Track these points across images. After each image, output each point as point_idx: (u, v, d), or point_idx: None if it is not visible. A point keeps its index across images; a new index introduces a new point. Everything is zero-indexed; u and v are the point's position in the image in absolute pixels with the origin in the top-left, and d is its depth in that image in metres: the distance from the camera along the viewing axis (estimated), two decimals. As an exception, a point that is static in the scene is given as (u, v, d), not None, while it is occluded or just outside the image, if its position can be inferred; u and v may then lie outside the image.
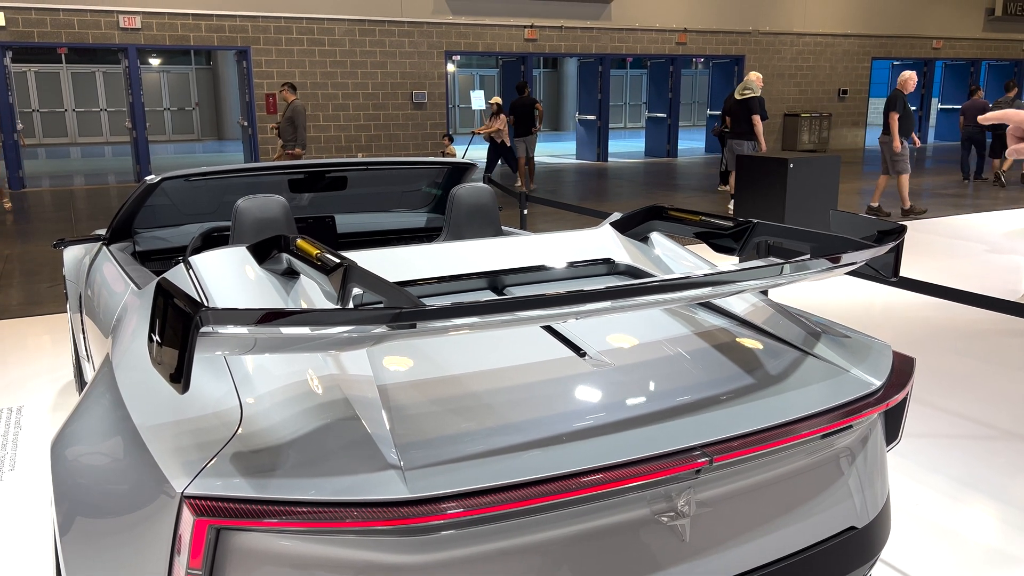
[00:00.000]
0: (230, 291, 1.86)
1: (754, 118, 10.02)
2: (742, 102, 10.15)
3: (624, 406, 1.59)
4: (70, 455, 1.71)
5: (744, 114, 10.12)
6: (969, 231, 9.11)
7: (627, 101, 31.29)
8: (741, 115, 10.18)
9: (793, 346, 1.91)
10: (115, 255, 3.12)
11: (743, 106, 10.13)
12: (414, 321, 1.30)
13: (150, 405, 1.60)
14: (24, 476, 3.34)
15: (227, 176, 3.28)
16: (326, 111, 14.97)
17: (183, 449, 1.43)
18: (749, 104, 10.07)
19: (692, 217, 2.30)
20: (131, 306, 2.29)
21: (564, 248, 2.35)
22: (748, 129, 10.14)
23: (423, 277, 2.10)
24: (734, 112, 10.31)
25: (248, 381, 1.58)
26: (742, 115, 10.17)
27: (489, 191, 2.93)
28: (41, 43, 12.94)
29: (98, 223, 9.98)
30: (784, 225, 2.04)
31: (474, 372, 1.68)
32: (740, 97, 10.20)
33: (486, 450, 1.41)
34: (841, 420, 1.63)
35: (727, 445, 1.49)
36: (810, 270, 1.63)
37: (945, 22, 21.66)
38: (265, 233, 2.59)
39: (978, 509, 3.06)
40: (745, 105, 10.10)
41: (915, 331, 5.19)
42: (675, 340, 1.89)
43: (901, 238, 1.83)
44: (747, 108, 10.06)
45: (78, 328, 3.60)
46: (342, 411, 1.47)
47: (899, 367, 1.88)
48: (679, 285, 1.49)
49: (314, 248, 1.76)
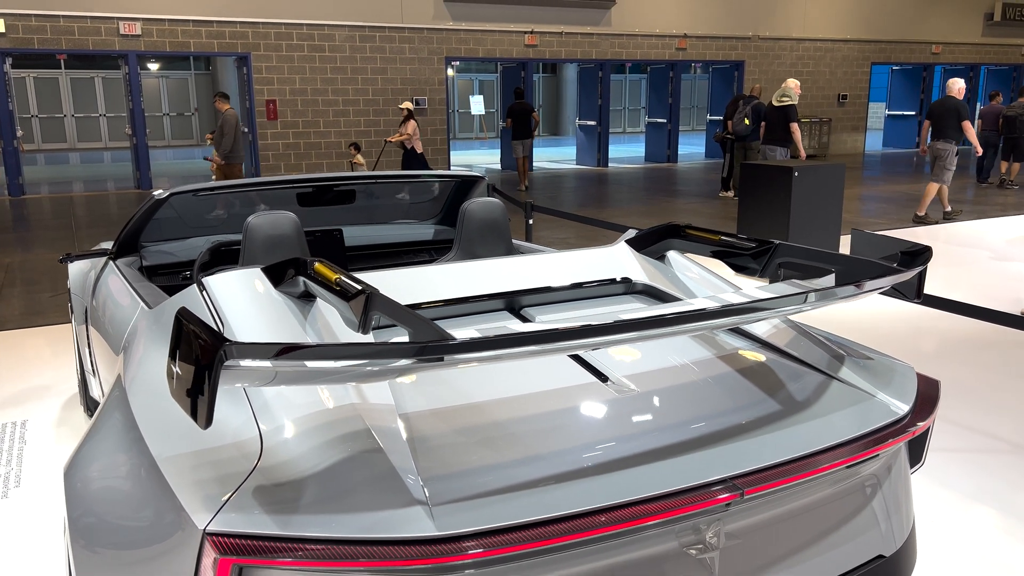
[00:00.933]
0: (246, 315, 1.83)
1: (792, 125, 10.06)
2: (779, 109, 10.18)
3: (651, 435, 1.56)
4: (85, 484, 1.67)
5: (781, 121, 10.13)
6: (972, 238, 9.10)
7: (626, 106, 31.30)
8: (777, 121, 10.20)
9: (817, 369, 1.88)
10: (122, 270, 3.09)
11: (780, 113, 10.16)
12: (442, 355, 1.27)
13: (167, 435, 1.57)
14: (30, 493, 3.30)
15: (234, 190, 3.25)
16: (327, 117, 14.94)
17: (203, 482, 1.40)
18: (787, 111, 10.10)
19: (711, 236, 2.27)
20: (142, 327, 2.26)
21: (581, 267, 2.33)
22: (783, 135, 10.17)
23: (440, 299, 2.07)
24: (769, 118, 10.33)
25: (267, 410, 1.55)
26: (778, 122, 10.18)
27: (500, 206, 2.90)
28: (41, 50, 12.91)
29: (99, 231, 9.95)
30: (806, 247, 2.01)
31: (495, 399, 1.65)
32: (778, 104, 10.23)
33: (512, 484, 1.38)
34: (870, 449, 1.60)
35: (757, 477, 1.46)
36: (837, 297, 1.60)
37: (944, 27, 21.68)
38: (276, 250, 2.56)
39: (986, 524, 3.03)
40: (783, 112, 10.12)
41: (924, 341, 5.17)
42: (697, 364, 1.86)
43: (927, 261, 1.80)
44: (784, 115, 10.08)
45: (83, 341, 3.57)
46: (365, 443, 1.44)
47: (924, 391, 1.85)
48: (706, 314, 1.47)
49: (333, 273, 1.74)
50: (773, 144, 10.36)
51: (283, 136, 14.67)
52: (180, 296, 2.09)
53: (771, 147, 10.38)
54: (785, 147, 10.24)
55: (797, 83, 10.43)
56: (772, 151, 10.35)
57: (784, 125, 10.16)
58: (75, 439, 3.82)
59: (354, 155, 12.55)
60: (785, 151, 10.23)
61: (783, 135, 10.22)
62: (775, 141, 10.33)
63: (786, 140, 10.21)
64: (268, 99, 14.36)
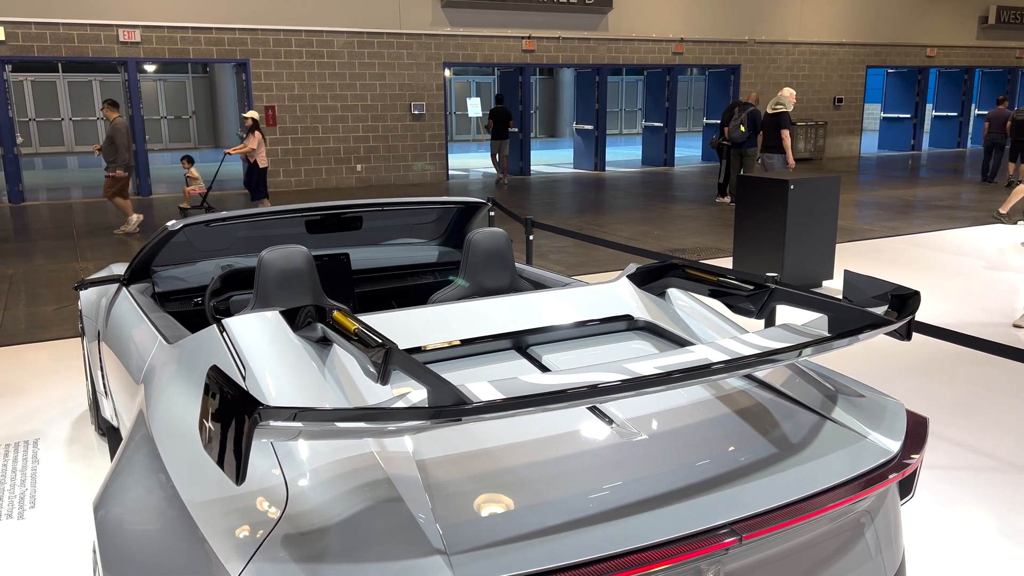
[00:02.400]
0: (267, 360, 1.92)
1: (783, 132, 10.20)
2: (773, 116, 10.33)
3: (655, 480, 1.65)
4: (117, 521, 1.76)
5: (775, 128, 10.28)
6: (966, 246, 9.20)
7: (623, 108, 31.41)
8: (771, 129, 10.34)
9: (811, 409, 1.97)
10: (135, 297, 3.17)
11: (774, 120, 10.31)
12: (459, 416, 1.36)
13: (196, 480, 1.66)
14: (46, 514, 3.38)
15: (245, 220, 3.34)
16: (325, 123, 15.02)
17: (233, 530, 1.49)
18: (779, 119, 10.24)
19: (710, 277, 2.36)
20: (161, 362, 2.34)
21: (584, 303, 2.41)
22: (779, 142, 10.29)
23: (448, 341, 2.16)
24: (766, 125, 10.48)
25: (291, 457, 1.63)
26: (772, 129, 10.33)
27: (504, 236, 2.99)
28: (41, 57, 12.96)
29: (100, 240, 10.02)
30: (800, 292, 2.10)
31: (506, 445, 1.73)
32: (772, 111, 10.37)
33: (525, 532, 1.47)
34: (863, 491, 1.69)
35: (755, 521, 1.55)
36: (832, 348, 1.70)
37: (939, 30, 21.81)
38: (289, 283, 2.65)
39: (980, 542, 3.12)
40: (775, 119, 10.27)
41: (917, 356, 5.26)
42: (697, 405, 1.95)
43: (915, 308, 1.89)
44: (777, 122, 10.24)
45: (95, 363, 3.65)
46: (385, 491, 1.53)
47: (912, 430, 1.94)
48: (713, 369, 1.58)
49: (351, 323, 1.82)
50: (770, 152, 10.51)
51: (282, 142, 14.74)
52: (200, 336, 2.18)
53: (768, 155, 10.54)
54: (782, 154, 10.40)
55: (793, 92, 10.58)
56: (770, 159, 10.51)
57: (778, 131, 10.32)
58: (87, 459, 3.90)
59: (188, 168, 12.15)
60: (783, 157, 10.38)
61: (778, 142, 10.38)
62: (771, 148, 10.49)
63: (781, 146, 10.37)
64: (267, 105, 14.43)
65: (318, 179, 15.19)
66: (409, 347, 2.13)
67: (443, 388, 1.44)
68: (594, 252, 8.75)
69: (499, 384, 1.51)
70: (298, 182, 15.03)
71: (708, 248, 9.10)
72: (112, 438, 3.90)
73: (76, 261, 8.71)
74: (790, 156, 10.29)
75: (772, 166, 10.49)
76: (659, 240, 9.66)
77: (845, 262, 7.69)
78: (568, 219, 11.26)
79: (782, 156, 10.36)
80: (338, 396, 1.84)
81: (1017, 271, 7.83)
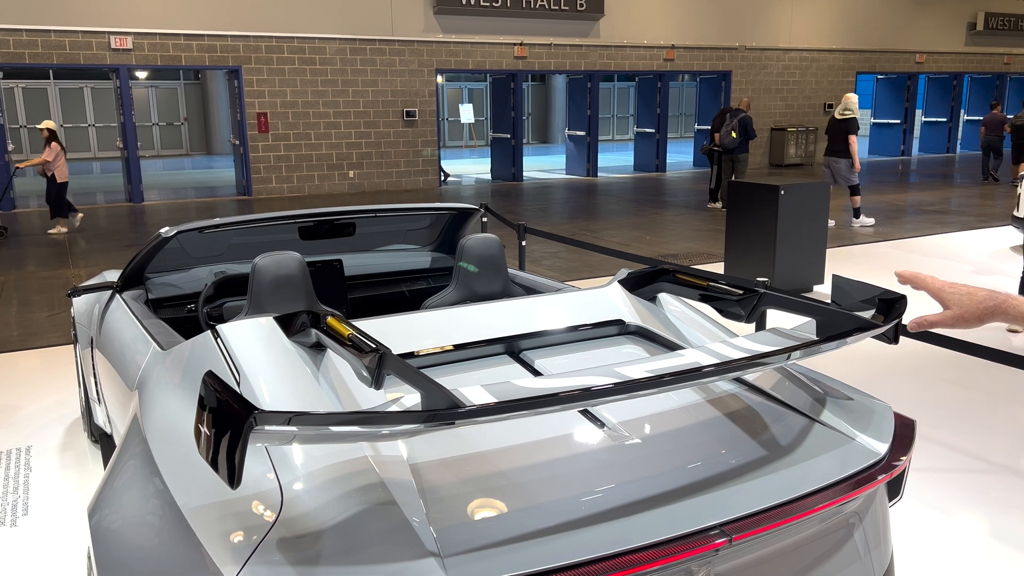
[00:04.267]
0: (261, 365, 1.93)
1: (851, 137, 10.65)
2: (841, 122, 10.74)
3: (646, 482, 1.67)
4: (111, 526, 1.77)
5: (842, 133, 10.73)
6: (956, 251, 9.27)
7: (615, 114, 31.52)
8: (838, 134, 10.78)
9: (800, 412, 2.00)
10: (129, 304, 3.18)
11: (842, 125, 10.74)
12: (453, 420, 1.37)
13: (192, 485, 1.67)
14: (38, 521, 3.37)
15: (238, 227, 3.35)
16: (317, 130, 15.03)
17: (228, 534, 1.50)
18: (847, 124, 10.68)
19: (700, 282, 2.39)
20: (156, 369, 2.35)
21: (576, 308, 2.43)
22: (845, 147, 10.73)
23: (442, 346, 2.18)
24: (832, 131, 10.91)
25: (285, 461, 1.65)
26: (839, 134, 10.77)
27: (497, 242, 3.00)
28: (33, 64, 12.95)
29: (92, 247, 10.00)
30: (790, 297, 2.13)
31: (499, 448, 1.75)
32: (840, 117, 10.76)
33: (518, 534, 1.48)
34: (851, 492, 1.72)
35: (745, 523, 1.57)
36: (820, 352, 1.73)
37: (928, 37, 21.98)
38: (283, 290, 2.66)
39: (973, 545, 3.14)
40: (844, 125, 10.71)
41: (909, 359, 5.30)
42: (687, 408, 1.97)
43: (902, 312, 1.92)
44: (845, 128, 10.69)
45: (88, 369, 3.65)
46: (379, 495, 1.55)
47: (900, 432, 1.97)
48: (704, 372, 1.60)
49: (345, 328, 1.84)
50: (836, 156, 10.87)
51: (274, 148, 14.75)
52: (195, 342, 2.19)
53: (835, 159, 10.88)
54: (848, 158, 10.77)
55: (856, 97, 10.97)
56: (836, 163, 10.84)
57: (845, 137, 10.73)
58: (80, 466, 3.89)
59: None
60: (848, 162, 10.75)
61: (845, 147, 10.76)
62: (837, 153, 10.85)
63: (847, 151, 10.77)
64: (259, 112, 14.43)
65: (311, 185, 15.19)
66: (402, 352, 2.15)
67: (436, 392, 1.46)
68: (587, 257, 8.78)
69: (492, 388, 1.52)
70: (290, 188, 15.03)
71: (700, 253, 9.14)
72: (105, 445, 3.90)
73: (68, 268, 8.69)
74: (856, 160, 10.73)
75: (838, 170, 10.81)
76: (651, 245, 9.70)
77: (835, 267, 7.74)
78: (561, 225, 11.30)
79: (847, 160, 10.75)
80: (332, 401, 1.85)
81: (1007, 275, 7.89)
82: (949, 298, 1.49)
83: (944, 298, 1.50)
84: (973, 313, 1.46)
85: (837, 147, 10.81)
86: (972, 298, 1.47)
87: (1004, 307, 1.45)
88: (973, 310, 1.46)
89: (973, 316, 1.46)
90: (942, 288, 1.51)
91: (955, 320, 1.47)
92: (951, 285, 1.50)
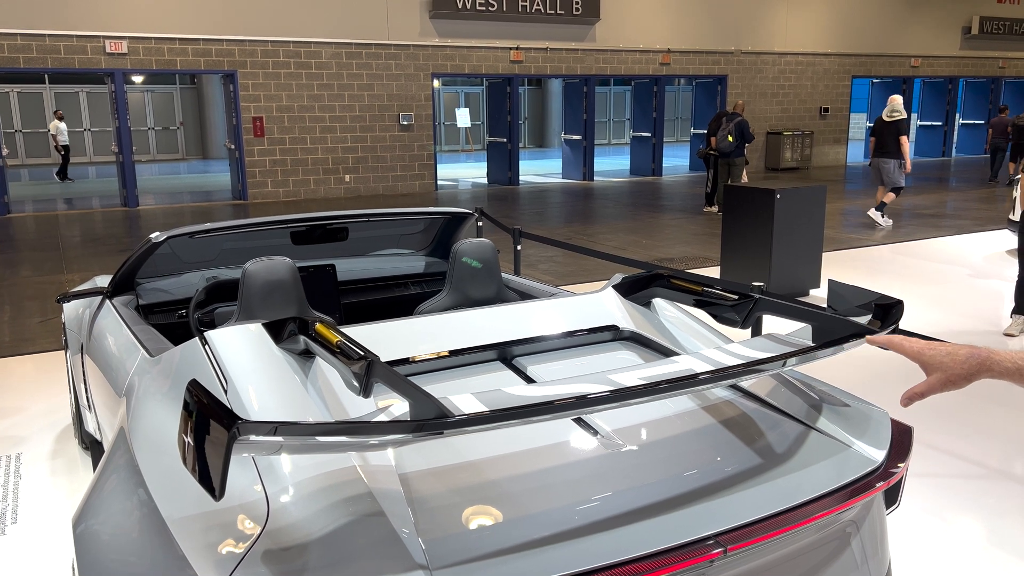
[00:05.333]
0: (249, 373, 1.90)
1: (902, 139, 10.86)
2: (891, 123, 10.93)
3: (640, 492, 1.64)
4: (96, 538, 1.74)
5: (893, 134, 10.93)
6: (952, 254, 9.26)
7: (611, 118, 31.54)
8: (888, 135, 10.99)
9: (796, 419, 1.97)
10: (119, 310, 3.15)
11: (892, 127, 10.92)
12: (441, 430, 1.35)
13: (177, 495, 1.64)
14: (28, 530, 3.33)
15: (230, 232, 3.32)
16: (313, 134, 15.00)
17: (213, 546, 1.47)
18: (899, 125, 10.88)
19: (694, 287, 2.36)
20: (143, 376, 2.32)
21: (570, 314, 2.41)
22: (896, 148, 10.92)
23: (434, 352, 2.15)
24: (881, 132, 11.09)
25: (271, 471, 1.62)
26: (889, 135, 10.98)
27: (491, 247, 2.98)
28: (27, 69, 12.91)
29: (86, 252, 9.96)
30: (785, 302, 2.11)
31: (489, 457, 1.72)
32: (889, 119, 10.94)
33: (508, 546, 1.46)
34: (848, 501, 1.69)
35: (741, 533, 1.54)
36: (816, 358, 1.70)
37: (923, 41, 22.03)
38: (273, 295, 2.63)
39: (968, 550, 3.12)
40: (895, 126, 10.90)
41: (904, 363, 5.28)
42: (681, 415, 1.95)
43: (898, 317, 1.90)
44: (896, 129, 10.89)
45: (79, 376, 3.61)
46: (367, 506, 1.52)
47: (897, 439, 1.94)
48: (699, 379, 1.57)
49: (334, 336, 1.81)
50: (886, 157, 11.02)
51: (270, 153, 14.72)
52: (183, 349, 2.16)
53: (885, 159, 11.04)
54: (897, 159, 10.93)
55: (901, 99, 11.16)
56: (886, 163, 11.00)
57: (896, 138, 10.91)
58: (70, 473, 3.86)
59: None
60: (898, 163, 10.92)
61: (895, 148, 10.92)
62: (887, 154, 11.02)
63: (898, 152, 10.93)
64: (255, 116, 14.41)
65: (306, 190, 15.16)
66: (394, 358, 2.12)
67: (425, 401, 1.43)
68: (583, 262, 8.75)
69: (482, 396, 1.50)
70: (286, 193, 15.00)
71: (696, 257, 9.12)
72: (95, 452, 3.86)
73: (62, 273, 8.65)
74: (908, 160, 10.94)
75: (888, 171, 10.97)
76: (647, 249, 9.68)
77: (832, 271, 7.72)
78: (557, 229, 11.28)
79: (898, 161, 10.94)
80: (321, 409, 1.83)
81: (1003, 279, 7.88)
82: (930, 361, 1.45)
83: (925, 361, 1.46)
84: (959, 375, 1.42)
85: (887, 148, 11.04)
86: (954, 358, 1.43)
87: (988, 364, 1.42)
88: (958, 371, 1.42)
89: (960, 377, 1.43)
90: (921, 351, 1.47)
91: (943, 384, 1.44)
92: (929, 347, 1.46)
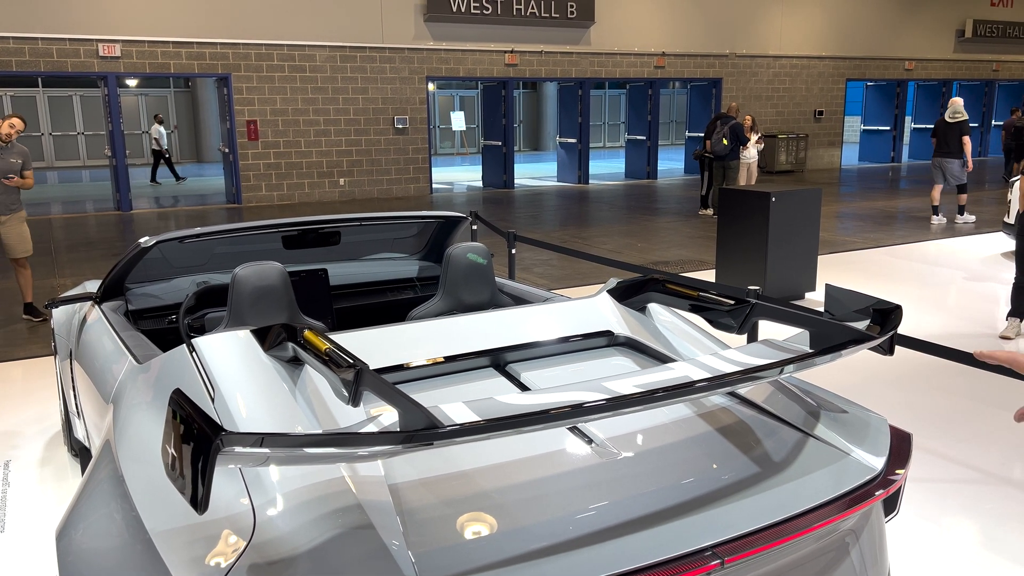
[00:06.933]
0: (237, 380, 1.86)
1: (965, 139, 11.23)
2: (954, 124, 11.26)
3: (635, 503, 1.61)
4: (80, 551, 1.70)
5: (956, 135, 11.28)
6: (948, 257, 9.25)
7: (606, 121, 31.52)
8: (951, 136, 11.35)
9: (794, 426, 1.94)
10: (108, 316, 3.11)
11: (955, 128, 11.27)
12: (431, 441, 1.31)
13: (162, 507, 1.60)
14: (15, 538, 3.29)
15: (220, 236, 3.28)
16: (307, 137, 14.95)
17: (198, 559, 1.43)
18: (961, 126, 11.23)
19: (690, 292, 2.33)
20: (130, 384, 2.28)
21: (563, 320, 2.37)
22: (958, 148, 11.27)
23: (427, 359, 2.11)
24: (943, 133, 11.44)
25: (259, 483, 1.58)
26: (952, 136, 11.34)
27: (484, 250, 2.95)
28: (20, 72, 12.84)
29: (79, 255, 9.90)
30: (782, 307, 2.07)
31: (482, 467, 1.68)
32: (952, 120, 11.26)
33: (500, 559, 1.42)
34: (848, 510, 1.66)
35: (738, 544, 1.51)
36: (814, 364, 1.67)
37: (917, 44, 22.07)
38: (263, 300, 2.59)
39: (965, 558, 3.09)
40: (957, 127, 11.25)
41: (900, 366, 5.26)
42: (677, 423, 1.91)
43: (897, 323, 1.87)
44: (959, 130, 11.25)
45: (67, 382, 3.57)
46: (355, 518, 1.48)
47: (896, 446, 1.91)
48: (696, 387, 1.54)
49: (323, 343, 1.77)
50: (949, 157, 11.31)
51: (264, 156, 14.66)
52: (170, 356, 2.12)
53: (948, 159, 11.31)
54: (959, 159, 11.22)
55: (961, 101, 11.47)
56: (950, 163, 11.28)
57: (958, 139, 11.21)
58: (59, 481, 3.81)
59: None
60: (961, 162, 11.21)
61: (958, 148, 11.22)
62: (949, 154, 11.31)
63: (960, 152, 11.21)
64: (249, 119, 14.35)
65: (301, 193, 15.11)
66: (386, 365, 2.08)
67: (414, 411, 1.39)
68: (578, 265, 8.72)
69: (474, 405, 1.46)
70: (280, 196, 14.94)
71: (691, 260, 9.10)
72: (85, 459, 3.82)
73: (54, 277, 8.59)
74: (970, 160, 11.23)
75: (950, 169, 11.27)
76: (643, 252, 9.66)
77: (827, 274, 7.71)
78: (552, 232, 11.25)
79: (960, 161, 11.23)
80: (309, 418, 1.79)
81: (999, 282, 7.87)
82: None
83: None
84: None
85: (950, 148, 11.34)
86: None
87: None
88: None
89: None
90: None
91: None
92: None
